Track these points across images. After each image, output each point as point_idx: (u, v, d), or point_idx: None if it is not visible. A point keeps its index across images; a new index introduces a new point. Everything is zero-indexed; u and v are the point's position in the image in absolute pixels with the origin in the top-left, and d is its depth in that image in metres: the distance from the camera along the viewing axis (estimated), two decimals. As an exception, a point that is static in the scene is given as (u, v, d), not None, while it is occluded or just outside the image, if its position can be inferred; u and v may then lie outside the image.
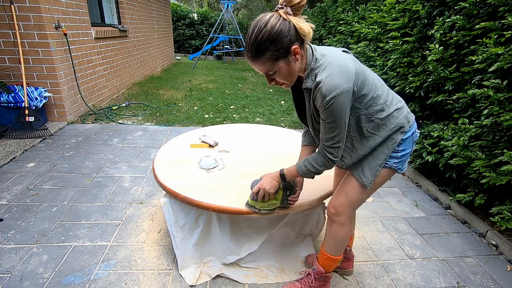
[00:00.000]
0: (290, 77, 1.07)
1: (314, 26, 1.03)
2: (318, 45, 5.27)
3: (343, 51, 1.12)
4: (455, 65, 2.27)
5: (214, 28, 9.21)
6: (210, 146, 1.94)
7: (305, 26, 0.99)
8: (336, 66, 1.00)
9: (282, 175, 1.25)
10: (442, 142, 2.20)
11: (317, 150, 1.18)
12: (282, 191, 1.30)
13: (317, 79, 1.01)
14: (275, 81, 1.09)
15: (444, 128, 2.31)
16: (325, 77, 0.98)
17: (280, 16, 0.97)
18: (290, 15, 0.98)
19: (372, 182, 1.18)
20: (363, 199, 1.27)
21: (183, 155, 1.84)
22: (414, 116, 1.20)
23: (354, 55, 3.99)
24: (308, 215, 1.67)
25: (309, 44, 1.07)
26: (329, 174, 1.54)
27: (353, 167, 1.22)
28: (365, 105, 1.07)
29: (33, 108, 3.19)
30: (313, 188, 1.51)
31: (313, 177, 1.24)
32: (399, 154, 1.16)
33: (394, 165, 1.17)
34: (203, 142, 1.97)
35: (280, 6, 0.99)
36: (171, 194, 1.46)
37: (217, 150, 1.91)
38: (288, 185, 1.29)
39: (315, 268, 1.41)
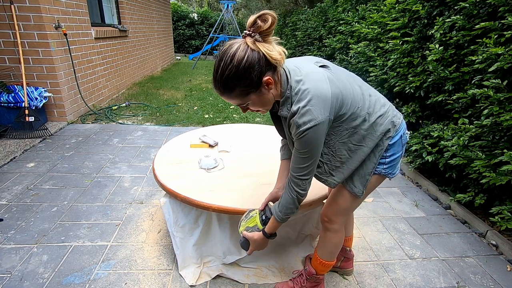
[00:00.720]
0: (264, 106, 1.02)
1: (286, 52, 0.95)
2: (318, 45, 5.17)
3: (321, 65, 1.04)
4: (455, 65, 2.27)
5: (214, 28, 9.21)
6: (210, 146, 1.94)
7: (276, 53, 0.91)
8: (312, 95, 0.93)
9: (269, 236, 1.21)
10: (442, 142, 2.20)
11: (284, 189, 1.12)
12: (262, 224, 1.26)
13: (292, 109, 0.95)
14: (250, 109, 1.04)
15: (444, 128, 2.31)
16: (301, 107, 0.92)
17: (248, 46, 0.89)
18: (259, 42, 0.89)
19: (363, 192, 1.16)
20: (355, 206, 1.27)
21: (183, 155, 1.84)
22: (402, 117, 1.15)
23: (354, 55, 3.90)
24: (308, 215, 1.68)
25: (283, 68, 1.00)
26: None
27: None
28: (344, 122, 1.03)
29: (33, 108, 3.19)
30: (312, 188, 1.50)
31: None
32: (387, 159, 1.12)
33: (384, 171, 1.13)
34: (203, 142, 1.97)
35: (248, 32, 0.90)
36: (171, 194, 1.46)
37: (217, 150, 1.91)
38: (267, 218, 1.25)
39: (306, 268, 1.42)
